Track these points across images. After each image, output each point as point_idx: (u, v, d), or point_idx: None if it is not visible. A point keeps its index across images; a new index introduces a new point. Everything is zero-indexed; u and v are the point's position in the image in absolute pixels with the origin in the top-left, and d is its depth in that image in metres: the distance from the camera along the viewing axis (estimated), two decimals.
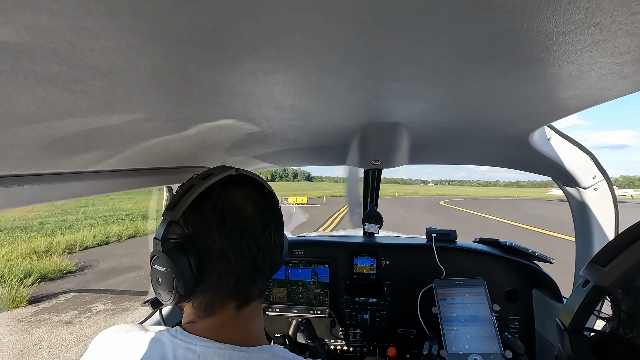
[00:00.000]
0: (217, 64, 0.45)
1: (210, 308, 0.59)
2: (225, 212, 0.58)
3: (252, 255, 0.59)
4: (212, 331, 0.57)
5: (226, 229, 0.57)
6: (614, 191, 1.20)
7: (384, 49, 0.44)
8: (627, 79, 0.53)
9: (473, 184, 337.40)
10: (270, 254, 0.63)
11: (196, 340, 0.55)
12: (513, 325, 1.46)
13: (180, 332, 0.57)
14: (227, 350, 0.54)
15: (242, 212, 0.60)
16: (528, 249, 1.49)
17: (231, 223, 0.58)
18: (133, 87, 0.49)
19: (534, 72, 0.52)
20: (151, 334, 0.58)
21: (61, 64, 0.38)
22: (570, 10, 0.35)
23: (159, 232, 0.58)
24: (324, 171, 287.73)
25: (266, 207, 0.64)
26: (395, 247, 1.61)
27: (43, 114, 0.48)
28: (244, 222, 0.59)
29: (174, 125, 0.70)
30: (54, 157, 0.63)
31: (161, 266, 0.57)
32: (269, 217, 0.64)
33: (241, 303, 0.60)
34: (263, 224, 0.61)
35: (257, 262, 0.60)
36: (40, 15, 0.29)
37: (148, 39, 0.36)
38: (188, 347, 0.54)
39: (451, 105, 0.71)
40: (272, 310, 1.60)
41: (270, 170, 1.71)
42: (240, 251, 0.58)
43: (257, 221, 0.61)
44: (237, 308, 0.60)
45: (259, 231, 0.61)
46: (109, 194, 0.91)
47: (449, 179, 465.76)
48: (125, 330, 0.61)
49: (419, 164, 1.56)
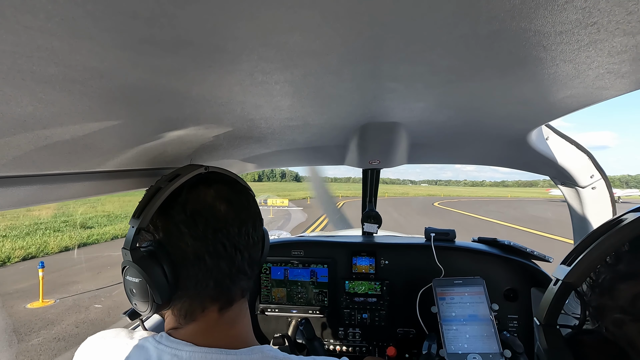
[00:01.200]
0: (215, 64, 0.45)
1: (191, 314, 0.57)
2: (196, 213, 0.56)
3: (229, 256, 0.57)
4: (197, 336, 0.56)
5: (199, 231, 0.56)
6: (612, 190, 1.21)
7: (383, 49, 0.44)
8: (625, 77, 0.53)
9: (460, 184, 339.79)
10: (249, 251, 0.61)
11: (182, 346, 0.54)
12: (512, 324, 1.47)
13: (165, 338, 0.56)
14: (214, 354, 0.52)
15: (215, 211, 0.58)
16: (527, 248, 1.50)
17: (203, 224, 0.56)
18: (131, 87, 0.48)
19: (531, 71, 0.52)
20: (136, 339, 0.57)
21: (59, 65, 0.38)
22: (568, 10, 0.35)
23: (127, 241, 0.56)
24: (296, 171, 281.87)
25: (240, 204, 0.62)
26: (394, 247, 1.61)
27: (40, 114, 0.48)
28: (217, 222, 0.57)
29: (172, 125, 0.70)
30: (51, 158, 0.62)
31: (133, 277, 0.55)
32: (244, 214, 0.61)
33: (223, 305, 0.58)
34: (238, 222, 0.59)
35: (236, 262, 0.58)
36: (37, 15, 0.29)
37: (145, 39, 0.36)
38: (174, 353, 0.53)
39: (450, 105, 0.71)
40: (271, 310, 1.60)
41: (258, 170, 1.70)
42: (216, 253, 0.56)
43: (232, 219, 0.59)
44: (219, 311, 0.58)
45: (235, 230, 0.58)
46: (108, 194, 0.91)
47: (436, 178, 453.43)
48: (111, 336, 0.60)
49: (417, 163, 1.56)
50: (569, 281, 0.50)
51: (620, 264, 0.47)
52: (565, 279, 0.50)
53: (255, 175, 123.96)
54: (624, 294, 0.45)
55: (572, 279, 0.49)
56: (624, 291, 0.45)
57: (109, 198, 17.45)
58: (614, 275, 0.47)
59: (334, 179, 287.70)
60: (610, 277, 0.47)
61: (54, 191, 0.72)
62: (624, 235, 0.46)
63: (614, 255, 0.48)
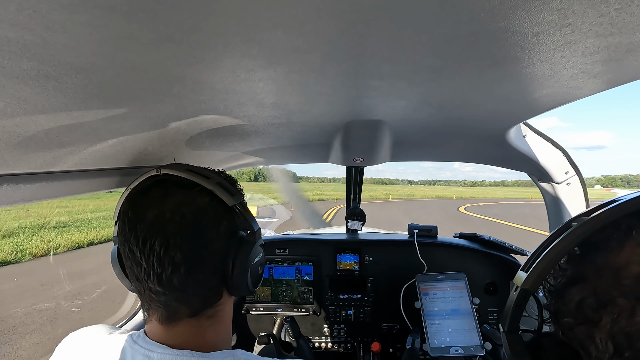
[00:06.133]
0: (197, 60, 0.44)
1: (146, 312, 0.58)
2: (134, 221, 0.54)
3: (136, 271, 0.54)
4: (168, 338, 0.56)
5: (124, 240, 0.55)
6: (585, 186, 1.26)
7: (366, 47, 0.44)
8: (597, 78, 0.56)
9: (459, 184, 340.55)
10: (192, 266, 0.54)
11: (155, 347, 0.54)
12: (492, 317, 1.51)
13: (142, 338, 0.56)
14: (185, 357, 0.53)
15: (143, 221, 0.54)
16: (505, 243, 1.55)
17: (130, 233, 0.54)
18: (109, 84, 0.47)
19: (510, 70, 0.53)
20: (115, 337, 0.57)
21: (31, 59, 0.36)
22: (544, 11, 0.36)
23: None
24: (310, 171, 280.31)
25: (175, 214, 0.54)
26: (378, 244, 1.63)
27: (12, 111, 0.46)
28: (152, 233, 0.53)
29: (153, 123, 0.68)
30: (25, 156, 0.60)
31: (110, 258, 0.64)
32: (174, 226, 0.53)
33: (163, 319, 0.56)
34: (164, 235, 0.53)
35: (141, 279, 0.54)
36: (7, 7, 0.27)
37: (124, 34, 0.35)
38: (146, 354, 0.53)
39: (431, 103, 0.72)
40: (256, 309, 1.60)
41: (240, 170, 1.68)
42: (150, 266, 0.53)
43: (157, 231, 0.53)
44: (160, 322, 0.56)
45: (160, 243, 0.52)
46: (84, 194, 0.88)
47: (435, 179, 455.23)
48: (93, 332, 0.60)
49: (400, 160, 1.58)
50: (525, 287, 0.51)
51: (571, 268, 0.48)
52: (522, 286, 0.51)
53: (251, 176, 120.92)
54: (572, 297, 0.46)
55: (528, 285, 0.51)
56: (572, 295, 0.46)
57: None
58: (566, 280, 0.48)
59: (308, 179, 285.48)
60: (563, 282, 0.48)
61: (27, 191, 0.69)
62: (570, 241, 0.47)
63: (567, 260, 0.49)
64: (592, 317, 0.43)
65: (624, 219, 0.44)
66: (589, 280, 0.45)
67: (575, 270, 0.47)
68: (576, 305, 0.45)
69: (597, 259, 0.45)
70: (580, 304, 0.45)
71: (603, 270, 0.44)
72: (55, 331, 4.24)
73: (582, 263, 0.47)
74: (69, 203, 17.64)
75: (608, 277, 0.43)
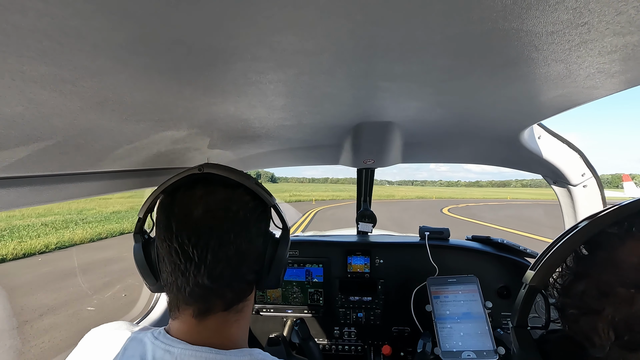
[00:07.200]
0: (208, 63, 0.45)
1: (171, 310, 0.59)
2: (173, 216, 0.56)
3: (182, 266, 0.55)
4: (188, 334, 0.57)
5: (172, 236, 0.55)
6: (603, 188, 1.22)
7: (376, 49, 0.44)
8: (615, 77, 0.54)
9: (436, 184, 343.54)
10: (241, 261, 0.57)
11: (175, 343, 0.55)
12: (505, 321, 1.48)
13: (162, 334, 0.57)
14: (204, 353, 0.54)
15: (181, 216, 0.56)
16: (519, 246, 1.51)
17: (179, 229, 0.55)
18: (123, 87, 0.48)
19: (523, 71, 0.52)
20: (136, 333, 0.59)
21: (49, 64, 0.37)
22: (559, 10, 0.35)
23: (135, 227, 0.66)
24: (289, 172, 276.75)
25: (226, 211, 0.57)
26: (388, 246, 1.62)
27: (31, 115, 0.47)
28: (206, 228, 0.55)
29: (166, 125, 0.69)
30: (41, 159, 0.61)
31: (134, 256, 0.64)
32: (228, 223, 0.56)
33: (198, 312, 0.57)
34: (219, 231, 0.55)
35: (188, 273, 0.55)
36: (26, 14, 0.28)
37: (138, 38, 0.36)
38: (166, 349, 0.54)
39: (443, 104, 0.72)
40: (266, 310, 1.60)
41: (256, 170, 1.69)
42: (172, 259, 0.55)
43: (210, 227, 0.55)
44: (194, 316, 0.57)
45: (216, 238, 0.55)
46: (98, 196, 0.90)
47: (412, 179, 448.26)
48: (113, 328, 0.62)
49: (411, 162, 1.57)
50: (533, 284, 0.54)
51: (576, 266, 0.51)
52: (530, 283, 0.54)
53: (270, 176, 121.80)
54: (577, 290, 0.49)
55: (535, 282, 0.54)
56: (576, 288, 0.49)
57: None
58: (572, 277, 0.51)
59: (306, 180, 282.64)
60: (569, 279, 0.51)
61: (44, 193, 0.71)
62: (575, 241, 0.51)
63: (574, 258, 0.52)
64: (595, 307, 0.46)
65: (625, 219, 0.47)
66: (592, 274, 0.48)
67: (580, 268, 0.51)
68: (580, 296, 0.49)
69: (600, 255, 0.48)
70: (584, 294, 0.48)
71: (605, 264, 0.47)
72: None
73: (587, 260, 0.50)
74: None
75: (609, 269, 0.46)
